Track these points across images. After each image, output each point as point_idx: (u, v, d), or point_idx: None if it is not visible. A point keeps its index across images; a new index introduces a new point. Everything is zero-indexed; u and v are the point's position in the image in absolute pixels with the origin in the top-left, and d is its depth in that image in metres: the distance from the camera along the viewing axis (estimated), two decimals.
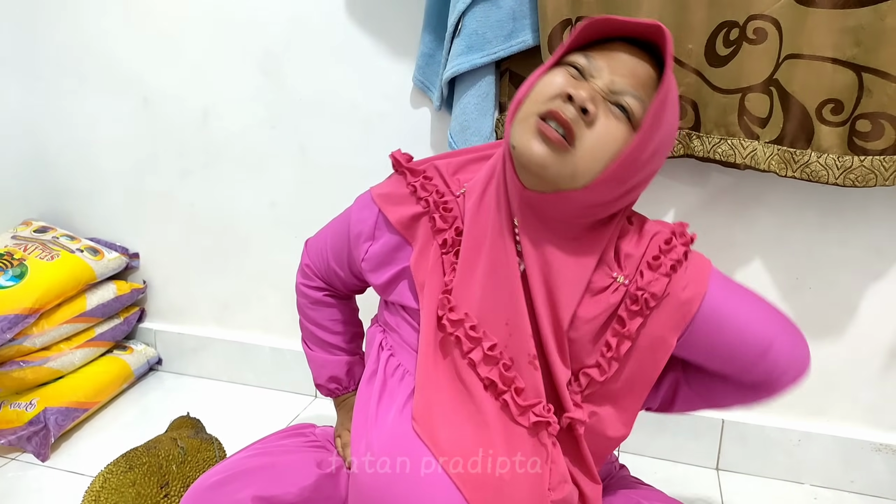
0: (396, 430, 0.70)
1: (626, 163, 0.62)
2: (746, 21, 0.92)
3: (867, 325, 1.07)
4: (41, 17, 1.39)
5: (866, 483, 1.11)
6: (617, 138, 0.62)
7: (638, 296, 0.67)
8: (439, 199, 0.74)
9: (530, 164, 0.62)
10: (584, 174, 0.62)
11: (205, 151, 1.36)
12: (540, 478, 0.67)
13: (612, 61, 0.64)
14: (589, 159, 0.62)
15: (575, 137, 0.61)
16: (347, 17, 1.19)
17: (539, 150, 0.62)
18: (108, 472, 0.92)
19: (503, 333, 0.69)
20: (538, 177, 0.63)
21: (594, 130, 0.62)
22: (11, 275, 1.25)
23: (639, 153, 0.62)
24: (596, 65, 0.64)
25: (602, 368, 0.69)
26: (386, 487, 0.68)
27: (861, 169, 0.91)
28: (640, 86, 0.63)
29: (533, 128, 0.62)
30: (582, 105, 0.60)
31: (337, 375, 0.91)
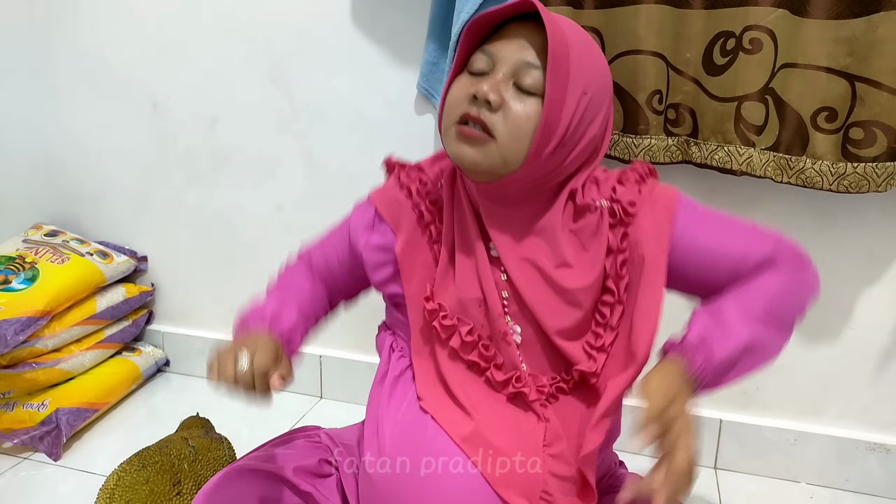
0: (407, 430, 0.72)
1: (546, 132, 0.65)
2: (742, 31, 0.94)
3: (861, 328, 1.09)
4: (51, 24, 1.42)
5: (861, 482, 1.13)
6: (530, 114, 0.65)
7: (614, 208, 0.70)
8: (422, 188, 0.78)
9: (464, 166, 0.68)
10: (513, 156, 0.66)
11: (213, 157, 1.39)
12: (534, 436, 0.70)
13: (506, 45, 0.68)
14: (512, 142, 0.65)
15: (490, 128, 0.65)
16: (354, 27, 1.22)
17: (467, 151, 0.67)
18: (121, 470, 0.95)
19: (479, 315, 0.73)
20: (476, 173, 0.68)
21: (507, 115, 0.65)
22: (23, 278, 1.27)
23: (553, 119, 0.65)
24: (494, 54, 0.68)
25: (613, 292, 0.70)
26: (398, 486, 0.69)
27: (854, 175, 0.94)
28: (540, 54, 0.66)
29: (455, 135, 0.68)
30: (485, 98, 0.65)
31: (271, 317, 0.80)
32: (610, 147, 1.04)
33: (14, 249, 1.36)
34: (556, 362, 0.73)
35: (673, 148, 1.02)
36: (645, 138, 1.02)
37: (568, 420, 0.72)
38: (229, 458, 1.05)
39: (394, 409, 0.74)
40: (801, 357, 1.13)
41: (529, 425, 0.72)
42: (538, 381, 0.73)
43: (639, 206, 0.71)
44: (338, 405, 1.39)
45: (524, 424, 0.72)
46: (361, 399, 1.31)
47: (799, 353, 1.13)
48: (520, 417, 0.72)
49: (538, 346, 0.73)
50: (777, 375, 1.14)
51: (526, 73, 0.66)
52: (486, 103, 0.65)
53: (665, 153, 1.02)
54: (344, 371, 1.39)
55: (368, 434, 0.75)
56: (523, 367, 0.73)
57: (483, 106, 0.65)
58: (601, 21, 0.99)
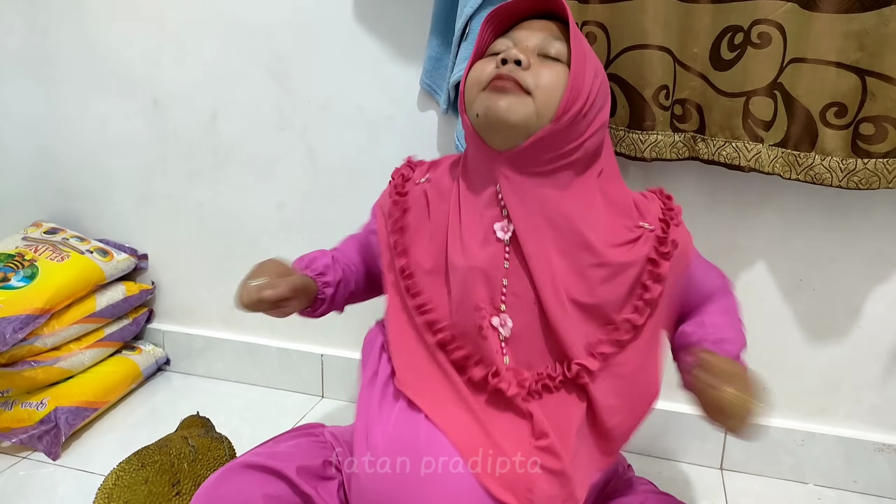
0: (399, 430, 0.71)
1: (573, 91, 0.70)
2: (751, 26, 0.93)
3: (870, 327, 1.08)
4: (51, 20, 1.41)
5: (869, 483, 1.12)
6: (559, 74, 0.71)
7: (665, 239, 0.74)
8: (402, 182, 0.83)
9: (499, 116, 0.69)
10: (545, 110, 0.69)
11: (213, 153, 1.37)
12: (516, 430, 0.70)
13: (525, 30, 0.75)
14: (544, 96, 0.69)
15: (523, 83, 0.69)
16: (355, 22, 1.21)
17: (503, 101, 0.69)
18: (120, 469, 0.94)
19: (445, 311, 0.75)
20: (509, 127, 0.70)
21: (537, 73, 0.70)
22: (23, 275, 1.26)
23: (578, 80, 0.70)
24: (514, 37, 0.75)
25: (640, 310, 0.73)
26: (389, 488, 0.68)
27: (864, 172, 0.92)
28: (558, 36, 0.74)
29: (486, 93, 0.71)
30: (515, 59, 0.69)
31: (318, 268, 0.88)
32: (616, 143, 1.03)
33: (13, 247, 1.35)
34: (547, 356, 0.72)
35: (680, 144, 1.01)
36: (651, 134, 1.00)
37: (555, 417, 0.71)
38: (229, 458, 1.04)
39: (386, 411, 0.73)
40: (809, 356, 1.12)
41: (510, 420, 0.71)
42: (520, 375, 0.72)
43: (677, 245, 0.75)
44: (339, 405, 1.38)
45: (505, 420, 0.71)
46: None
47: (807, 353, 1.12)
48: (500, 413, 0.72)
49: (529, 339, 0.72)
50: (784, 375, 1.13)
51: (549, 44, 0.73)
52: (515, 63, 0.69)
53: (672, 149, 1.01)
54: (346, 370, 1.38)
55: (359, 436, 0.74)
56: (505, 361, 0.72)
57: (513, 66, 0.69)
58: (607, 15, 0.98)
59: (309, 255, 0.90)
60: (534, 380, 0.72)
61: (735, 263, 1.11)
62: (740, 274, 1.11)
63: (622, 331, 0.72)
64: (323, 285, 0.86)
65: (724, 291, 0.85)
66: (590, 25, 0.99)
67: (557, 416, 0.71)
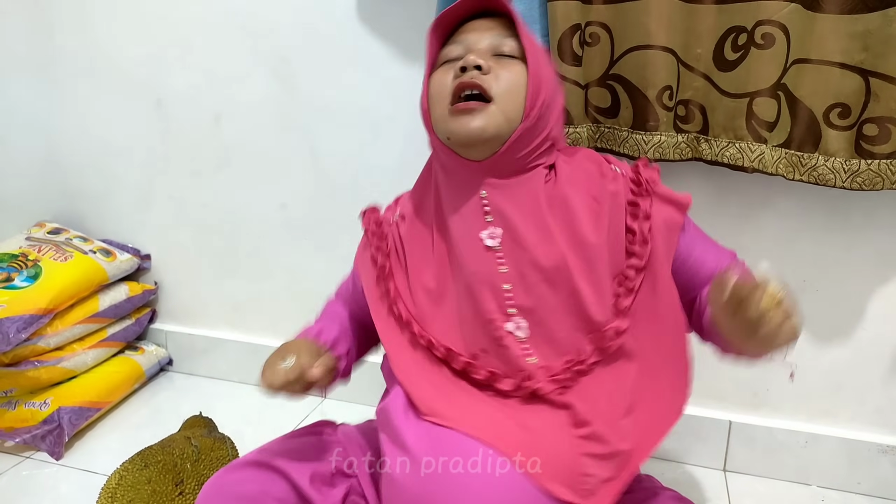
0: (435, 434, 0.69)
1: (535, 83, 0.71)
2: (755, 26, 0.93)
3: (874, 328, 1.08)
4: (55, 20, 1.41)
5: (873, 485, 1.12)
6: (519, 73, 0.71)
7: (638, 178, 0.75)
8: (377, 228, 0.82)
9: (471, 137, 0.70)
10: (513, 113, 0.70)
11: (216, 154, 1.38)
12: (557, 423, 0.70)
13: (474, 32, 0.75)
14: (509, 99, 0.70)
15: (486, 89, 0.70)
16: (359, 23, 1.21)
17: (472, 122, 0.69)
18: (123, 469, 0.94)
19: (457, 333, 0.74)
20: (483, 142, 0.71)
21: (498, 76, 0.71)
22: (26, 276, 1.27)
23: (537, 72, 0.71)
24: (465, 39, 0.74)
25: (638, 255, 0.73)
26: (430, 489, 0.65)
27: (868, 173, 0.92)
28: (505, 29, 0.74)
29: (452, 114, 0.71)
30: (474, 64, 0.70)
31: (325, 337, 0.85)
32: (619, 144, 1.03)
33: (17, 247, 1.35)
34: (571, 341, 0.72)
35: (683, 145, 1.01)
36: (655, 135, 1.00)
37: (593, 400, 0.71)
38: (232, 458, 1.04)
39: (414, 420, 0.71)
40: (813, 358, 1.12)
41: (548, 413, 0.70)
42: (550, 370, 0.72)
43: (654, 189, 0.75)
44: (342, 405, 1.38)
45: (542, 414, 0.70)
46: (365, 399, 1.32)
47: (810, 354, 1.11)
48: (536, 409, 0.71)
49: (548, 331, 0.72)
50: (788, 376, 1.13)
51: (502, 43, 0.73)
52: (475, 69, 0.69)
53: (675, 150, 1.01)
54: None
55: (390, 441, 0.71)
56: (532, 361, 0.72)
57: (473, 72, 0.69)
58: (610, 16, 0.98)
59: (312, 330, 0.86)
60: (564, 369, 0.71)
61: None
62: None
63: (630, 278, 0.73)
64: (336, 359, 0.81)
65: None
66: (593, 26, 0.99)
67: (600, 397, 0.71)
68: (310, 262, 1.37)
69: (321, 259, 1.35)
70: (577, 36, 0.99)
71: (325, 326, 0.86)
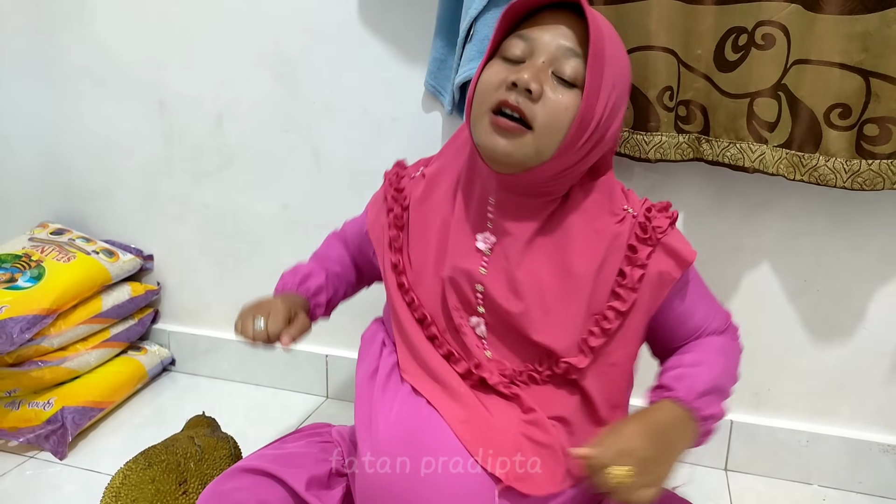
0: (401, 417, 0.71)
1: (582, 125, 0.65)
2: (755, 27, 0.93)
3: (875, 328, 1.08)
4: (58, 22, 1.41)
5: (874, 484, 1.12)
6: (569, 106, 0.65)
7: (646, 225, 0.71)
8: (396, 179, 0.83)
9: (496, 157, 0.68)
10: (546, 148, 0.66)
11: (219, 155, 1.38)
12: (512, 410, 0.72)
13: (544, 31, 0.67)
14: (548, 134, 0.65)
15: (529, 118, 0.65)
16: (361, 24, 1.21)
17: (500, 143, 0.66)
18: (127, 469, 0.94)
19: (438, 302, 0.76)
20: (506, 165, 0.68)
21: (545, 105, 0.65)
22: (29, 276, 1.27)
23: (590, 112, 0.65)
24: (532, 39, 0.67)
25: (622, 299, 0.71)
26: (395, 485, 0.69)
27: (869, 173, 0.92)
28: (579, 43, 0.66)
29: (489, 124, 0.67)
30: (526, 87, 0.64)
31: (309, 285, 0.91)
32: (620, 144, 1.03)
33: (20, 247, 1.36)
34: (531, 355, 0.74)
35: (684, 145, 1.01)
36: (655, 135, 1.00)
37: (540, 401, 0.72)
38: (235, 457, 1.04)
39: (387, 406, 0.74)
40: (814, 357, 1.12)
41: (499, 402, 0.73)
42: (501, 366, 0.74)
43: (662, 237, 0.72)
44: (344, 405, 1.38)
45: (495, 401, 0.73)
46: None
47: (812, 354, 1.12)
48: (489, 396, 0.73)
49: (509, 341, 0.74)
50: (789, 376, 1.13)
51: (565, 61, 0.66)
52: (526, 92, 0.64)
53: (676, 150, 1.01)
54: (350, 370, 1.38)
55: (361, 430, 0.74)
56: (487, 355, 0.74)
57: (522, 94, 0.65)
58: (611, 16, 0.98)
59: (301, 269, 0.92)
60: (517, 370, 0.74)
61: (739, 265, 1.11)
62: (745, 275, 1.11)
63: (608, 319, 0.72)
64: (315, 306, 0.90)
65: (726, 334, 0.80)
66: None
67: (548, 406, 0.72)
68: None
69: None
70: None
71: (313, 270, 0.92)
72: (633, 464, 0.61)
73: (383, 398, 0.75)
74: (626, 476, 0.60)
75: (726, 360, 0.77)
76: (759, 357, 1.12)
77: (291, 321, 0.80)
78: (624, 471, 0.60)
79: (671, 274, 0.72)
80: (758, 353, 1.11)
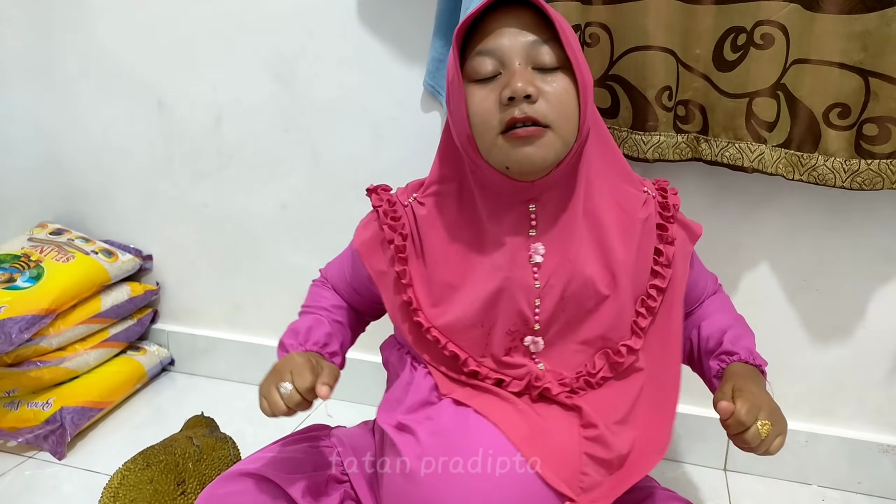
0: (447, 426, 0.70)
1: (586, 95, 0.67)
2: (754, 27, 0.93)
3: (875, 327, 1.08)
4: (56, 22, 1.41)
5: (874, 484, 1.12)
6: (567, 88, 0.66)
7: (666, 203, 0.77)
8: (390, 207, 0.78)
9: (532, 166, 0.67)
10: (570, 134, 0.67)
11: (218, 155, 1.38)
12: (571, 422, 0.71)
13: (500, 37, 0.66)
14: (565, 122, 0.66)
15: (542, 119, 0.65)
16: (359, 24, 1.21)
17: (530, 151, 0.65)
18: (125, 469, 0.94)
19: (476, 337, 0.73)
20: (542, 168, 0.67)
21: (548, 99, 0.65)
22: (28, 276, 1.27)
23: (585, 81, 0.67)
24: (495, 50, 0.66)
25: (662, 276, 0.74)
26: (441, 486, 0.67)
27: (868, 172, 0.92)
28: (540, 30, 0.66)
29: (507, 142, 0.66)
30: (523, 94, 0.63)
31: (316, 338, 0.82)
32: (619, 144, 1.03)
33: (19, 248, 1.36)
34: (583, 357, 0.74)
35: (683, 145, 1.01)
36: (654, 135, 1.00)
37: (601, 408, 0.71)
38: (234, 458, 1.04)
39: (427, 415, 0.73)
40: (813, 357, 1.12)
41: (559, 413, 0.72)
42: (559, 375, 0.73)
43: (677, 212, 0.78)
44: (343, 405, 1.38)
45: (554, 413, 0.72)
46: (367, 399, 1.32)
47: (811, 353, 1.12)
48: (548, 407, 0.72)
49: (563, 346, 0.74)
50: (788, 375, 1.13)
51: (538, 52, 0.66)
52: (525, 98, 0.64)
53: (675, 150, 1.01)
54: (350, 371, 1.37)
55: (398, 437, 0.72)
56: (540, 367, 0.73)
57: (523, 102, 0.64)
58: (609, 17, 0.98)
59: (300, 326, 0.83)
60: (574, 378, 0.73)
61: (738, 264, 1.11)
62: (744, 274, 1.11)
63: (653, 298, 0.74)
64: (331, 356, 0.82)
65: (718, 292, 0.90)
66: (593, 26, 0.99)
67: (608, 410, 0.72)
68: (311, 263, 1.36)
69: (322, 259, 1.35)
70: (577, 37, 0.99)
71: (313, 324, 0.83)
72: (766, 417, 0.67)
73: (422, 413, 0.73)
74: (769, 428, 0.66)
75: (738, 314, 0.87)
76: None
77: (318, 370, 0.72)
78: (766, 424, 0.66)
79: (687, 247, 0.79)
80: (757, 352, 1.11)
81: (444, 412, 0.71)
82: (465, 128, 0.68)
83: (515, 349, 0.73)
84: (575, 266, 0.71)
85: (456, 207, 0.75)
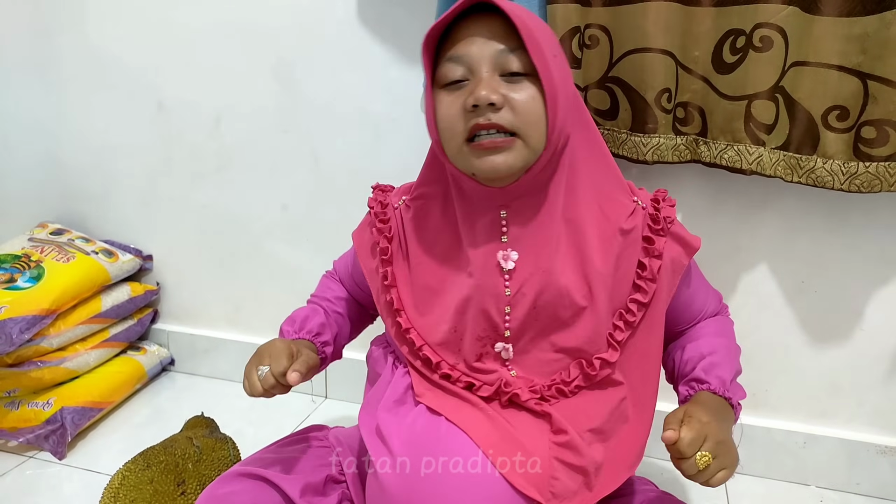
0: (418, 430, 0.71)
1: (554, 103, 0.65)
2: (753, 29, 0.93)
3: (873, 329, 1.08)
4: (56, 22, 1.42)
5: (872, 485, 1.12)
6: (534, 95, 0.65)
7: (657, 216, 0.73)
8: (381, 209, 0.80)
9: (498, 174, 0.67)
10: (538, 142, 0.66)
11: (218, 155, 1.38)
12: (541, 429, 0.71)
13: (469, 44, 0.66)
14: (532, 130, 0.65)
15: (508, 127, 0.65)
16: (359, 24, 1.21)
17: (497, 160, 0.65)
18: (126, 469, 0.94)
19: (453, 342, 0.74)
20: (510, 176, 0.68)
21: (514, 107, 0.65)
22: (29, 276, 1.28)
23: (553, 89, 0.65)
24: (463, 57, 0.66)
25: (644, 290, 0.72)
26: (412, 488, 0.68)
27: (866, 175, 0.92)
28: (509, 37, 0.65)
29: (473, 151, 0.66)
30: (487, 102, 0.63)
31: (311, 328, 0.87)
32: (618, 146, 1.03)
33: (19, 248, 1.36)
34: (557, 366, 0.73)
35: (682, 147, 1.01)
36: (653, 137, 1.01)
37: (572, 416, 0.72)
38: (234, 458, 1.05)
39: (402, 415, 0.73)
40: (812, 358, 1.12)
41: (529, 420, 0.72)
42: (530, 383, 0.73)
43: (670, 225, 0.74)
44: (343, 405, 1.38)
45: (523, 420, 0.72)
46: None
47: (809, 355, 1.12)
48: (518, 414, 0.72)
49: (534, 356, 0.73)
50: (787, 377, 1.13)
51: (506, 60, 0.65)
52: (489, 106, 0.64)
53: (674, 152, 1.01)
54: (349, 371, 1.38)
55: (372, 439, 0.73)
56: (512, 374, 0.74)
57: (488, 110, 0.64)
58: (609, 19, 0.98)
59: (299, 315, 0.88)
60: (546, 385, 0.73)
61: (737, 266, 1.11)
62: (742, 277, 1.11)
63: (632, 312, 0.73)
64: (322, 345, 0.86)
65: (721, 314, 0.86)
66: (592, 28, 0.99)
67: (579, 419, 0.72)
68: (310, 263, 1.37)
69: (322, 260, 1.35)
70: (576, 38, 0.99)
71: (310, 314, 0.88)
72: (711, 448, 0.64)
73: (398, 411, 0.74)
74: (709, 460, 0.64)
75: (731, 342, 0.83)
76: (757, 358, 1.12)
77: (293, 358, 0.76)
78: (707, 455, 0.64)
79: (681, 261, 0.75)
80: (755, 353, 1.11)
81: (417, 419, 0.72)
82: (434, 133, 0.69)
83: (487, 355, 0.73)
84: (550, 275, 0.70)
85: (440, 211, 0.76)
